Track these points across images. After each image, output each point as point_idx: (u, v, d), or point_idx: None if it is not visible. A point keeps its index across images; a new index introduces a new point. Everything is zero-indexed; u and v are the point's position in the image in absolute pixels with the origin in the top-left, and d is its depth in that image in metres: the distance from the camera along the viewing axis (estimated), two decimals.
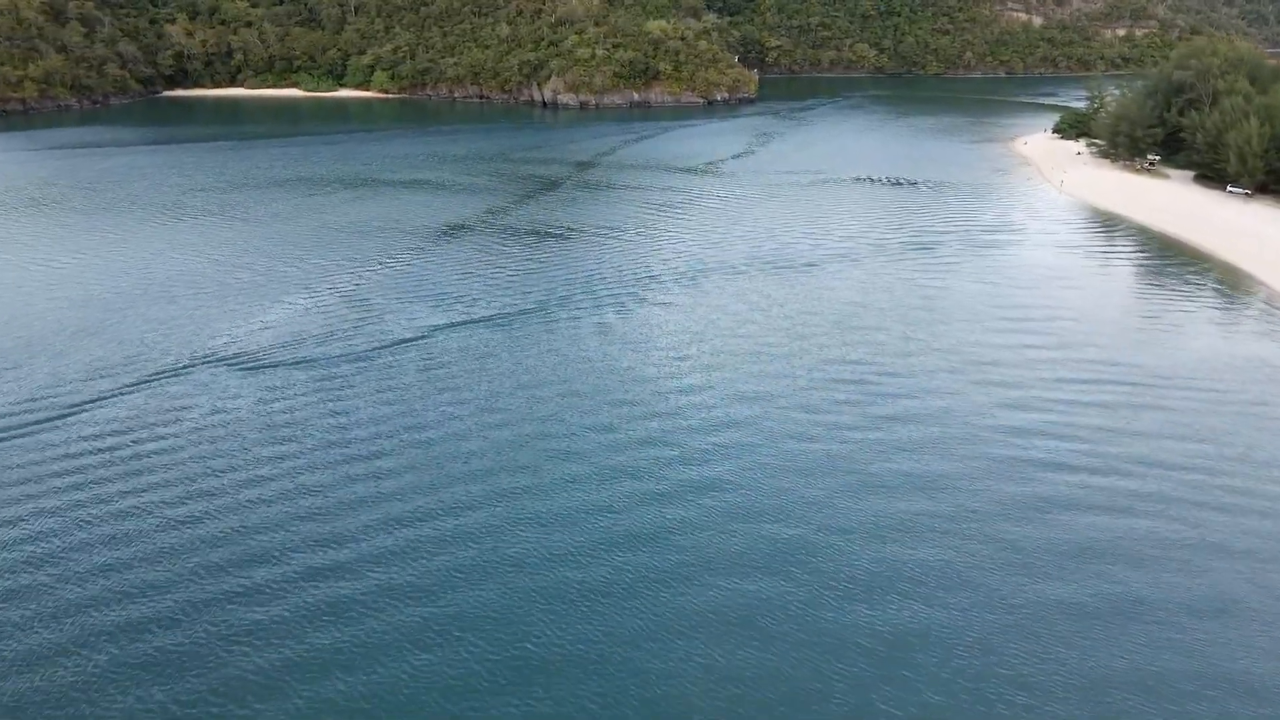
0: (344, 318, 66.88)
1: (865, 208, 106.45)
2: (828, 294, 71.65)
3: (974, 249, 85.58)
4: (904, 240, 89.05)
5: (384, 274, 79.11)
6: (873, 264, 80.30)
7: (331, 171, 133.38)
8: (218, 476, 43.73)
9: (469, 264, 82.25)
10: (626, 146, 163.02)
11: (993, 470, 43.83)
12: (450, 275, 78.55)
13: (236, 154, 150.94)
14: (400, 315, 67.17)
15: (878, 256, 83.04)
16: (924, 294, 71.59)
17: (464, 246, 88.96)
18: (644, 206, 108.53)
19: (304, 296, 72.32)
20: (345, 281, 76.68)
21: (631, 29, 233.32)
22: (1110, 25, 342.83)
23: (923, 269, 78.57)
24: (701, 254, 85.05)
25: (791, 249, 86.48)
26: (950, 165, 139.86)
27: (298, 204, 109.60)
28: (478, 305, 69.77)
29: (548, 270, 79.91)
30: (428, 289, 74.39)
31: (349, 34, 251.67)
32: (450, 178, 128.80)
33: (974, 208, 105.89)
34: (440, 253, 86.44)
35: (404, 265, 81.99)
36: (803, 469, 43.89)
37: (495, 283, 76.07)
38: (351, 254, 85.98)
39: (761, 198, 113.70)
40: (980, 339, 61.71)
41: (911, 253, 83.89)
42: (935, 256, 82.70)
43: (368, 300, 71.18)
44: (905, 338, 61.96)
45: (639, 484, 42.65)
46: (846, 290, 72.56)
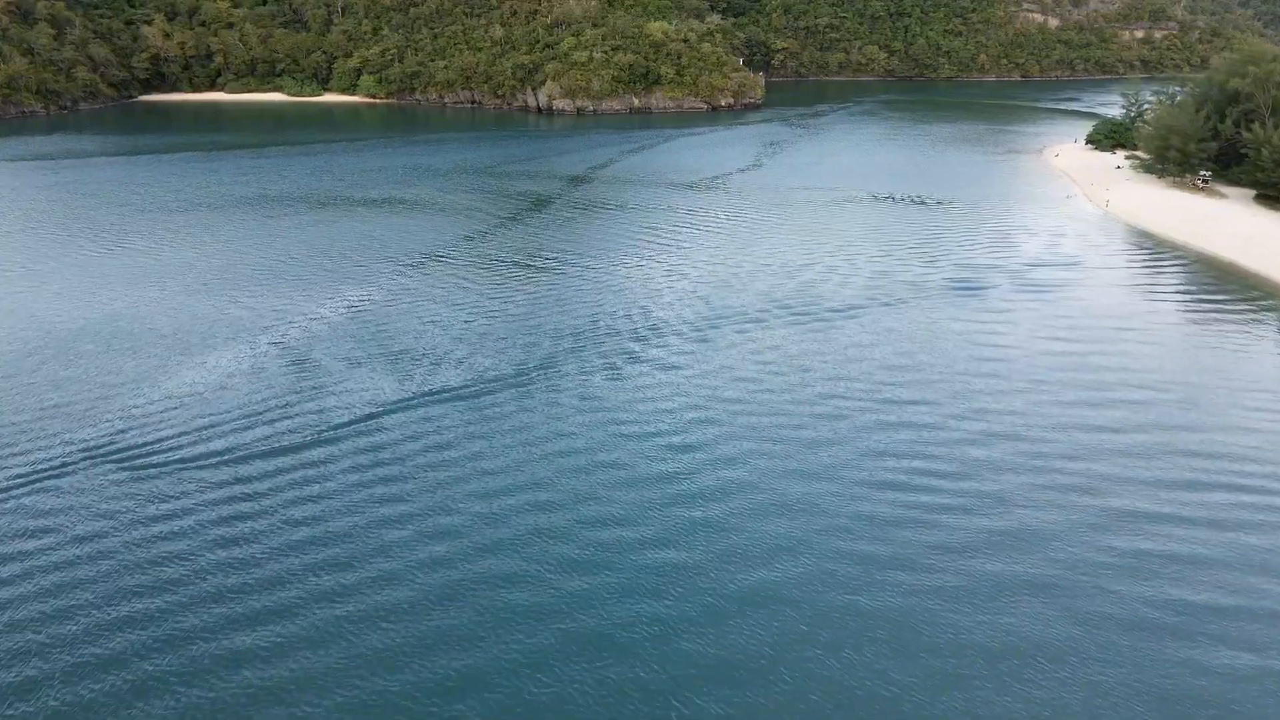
0: (273, 388, 54.53)
1: (894, 234, 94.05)
2: (861, 354, 59.27)
3: (1027, 290, 73.13)
4: (945, 278, 76.64)
5: (332, 322, 66.77)
6: (912, 311, 67.88)
7: (301, 188, 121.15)
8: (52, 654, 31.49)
9: (435, 309, 69.90)
10: (625, 158, 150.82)
11: (1098, 635, 31.58)
12: (411, 324, 66.20)
13: (201, 167, 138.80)
14: (342, 386, 54.84)
15: (916, 299, 70.64)
16: (978, 354, 59.18)
17: (432, 284, 76.64)
18: (642, 232, 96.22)
19: (230, 353, 60.05)
20: (285, 333, 64.36)
21: (631, 31, 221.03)
22: (1128, 27, 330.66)
23: (972, 318, 66.11)
24: (709, 295, 72.73)
25: (813, 289, 74.11)
26: (980, 181, 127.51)
27: (253, 229, 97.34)
28: (440, 369, 57.43)
29: (528, 318, 67.56)
30: (382, 344, 62.05)
31: (335, 36, 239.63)
32: (429, 196, 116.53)
33: (1016, 234, 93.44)
34: (403, 293, 74.12)
35: (357, 311, 69.66)
36: (846, 629, 31.64)
37: (464, 335, 63.74)
38: (298, 294, 73.69)
39: (775, 221, 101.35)
40: (1051, 421, 49.34)
41: (956, 295, 71.45)
42: (984, 301, 70.26)
43: (306, 362, 58.83)
44: (960, 418, 49.64)
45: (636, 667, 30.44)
46: (884, 349, 60.19)
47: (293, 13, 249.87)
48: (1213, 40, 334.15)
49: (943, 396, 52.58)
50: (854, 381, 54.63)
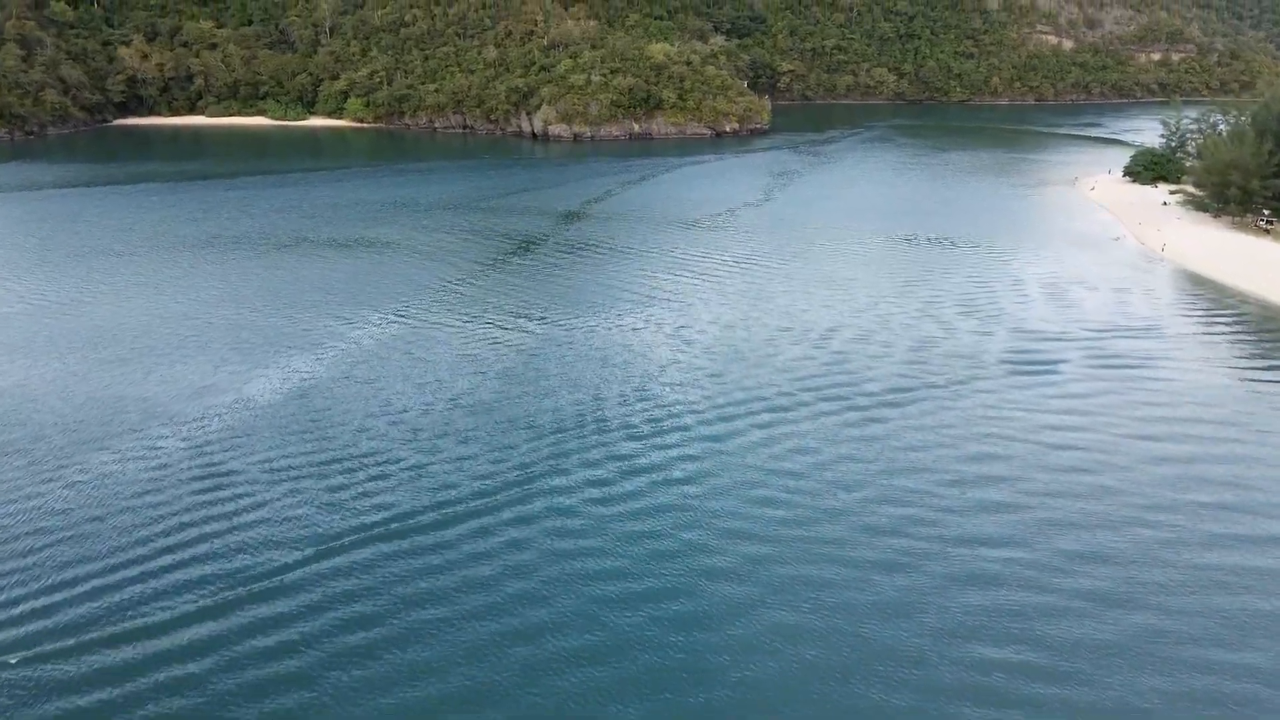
0: (160, 523, 41.99)
1: (930, 287, 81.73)
2: (917, 466, 46.68)
3: (1106, 367, 60.60)
4: (1004, 349, 64.10)
5: (258, 406, 54.29)
6: (972, 399, 55.31)
7: (262, 227, 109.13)
8: None
9: (386, 391, 57.44)
10: (623, 189, 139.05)
11: None
12: (354, 413, 53.69)
13: (160, 200, 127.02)
14: (246, 517, 42.24)
15: (975, 381, 58.11)
16: (1064, 469, 46.55)
17: (387, 355, 64.19)
18: (640, 282, 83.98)
19: (112, 457, 47.54)
20: (186, 427, 51.85)
21: (631, 53, 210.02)
22: (1145, 49, 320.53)
23: (1050, 411, 53.50)
24: (719, 370, 60.30)
25: (844, 363, 61.67)
26: (1014, 218, 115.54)
27: (190, 280, 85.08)
28: (380, 489, 44.82)
29: (501, 406, 55.08)
30: (313, 443, 49.55)
31: (321, 57, 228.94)
32: (404, 236, 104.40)
33: (1072, 288, 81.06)
34: (351, 366, 61.70)
35: (292, 391, 57.23)
36: None
37: (417, 433, 51.22)
38: (225, 365, 61.30)
39: (791, 269, 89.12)
40: (1179, 582, 36.75)
41: (1022, 376, 58.88)
42: (1059, 385, 57.68)
43: (211, 475, 46.27)
44: (1056, 574, 37.05)
45: None
46: (946, 458, 47.58)
47: (279, 33, 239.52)
48: (1231, 63, 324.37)
49: (1026, 531, 39.95)
50: (914, 510, 41.99)
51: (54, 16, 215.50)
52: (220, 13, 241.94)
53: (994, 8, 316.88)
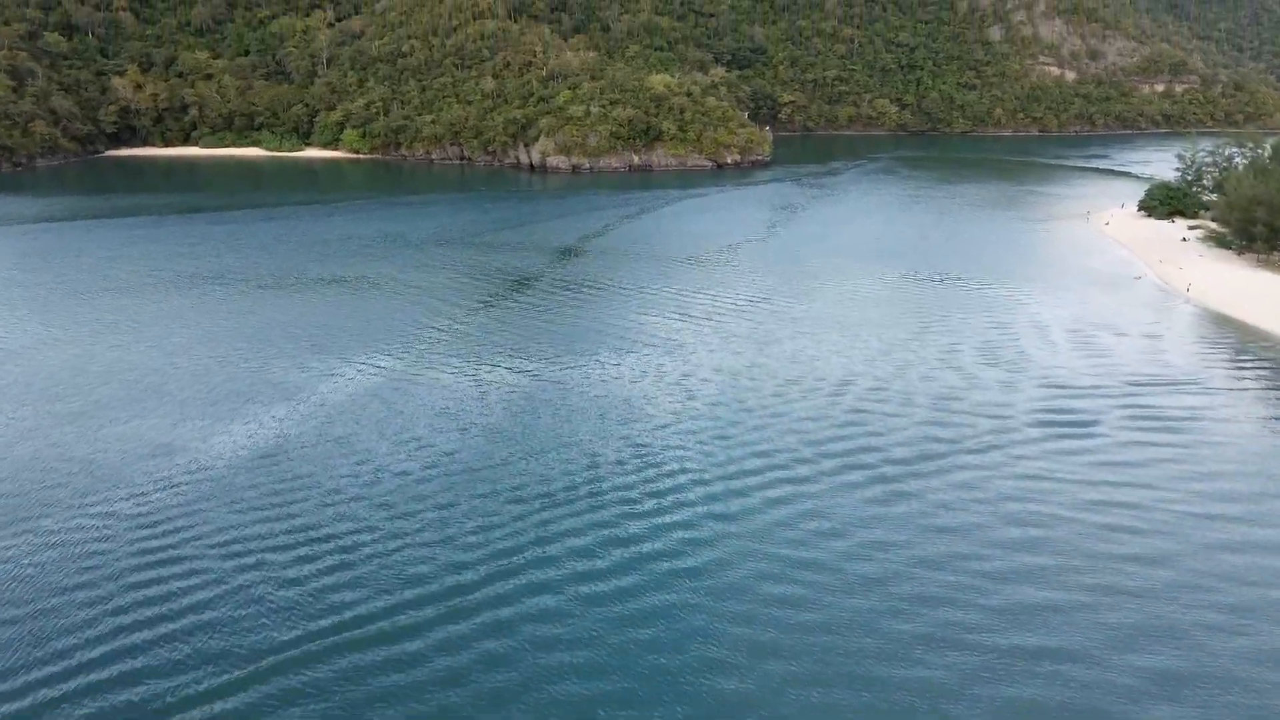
0: (86, 621, 36.74)
1: (948, 332, 76.76)
2: (946, 553, 41.41)
3: (1147, 427, 55.45)
4: (1034, 405, 58.98)
5: (215, 472, 49.13)
6: (1004, 463, 50.14)
7: (248, 264, 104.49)
8: None
9: (360, 451, 52.33)
10: (622, 223, 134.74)
11: None
12: (322, 484, 48.50)
13: (144, 235, 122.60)
14: (198, 630, 36.96)
15: (1005, 442, 52.94)
16: (1113, 546, 41.34)
17: (362, 410, 59.11)
18: (640, 324, 79.10)
19: (42, 536, 42.28)
20: (134, 498, 46.67)
21: (631, 84, 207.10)
22: (1149, 81, 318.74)
23: (1088, 478, 48.33)
24: (725, 427, 55.20)
25: (862, 422, 56.54)
26: (1029, 256, 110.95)
27: (160, 324, 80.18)
28: (342, 581, 39.57)
29: (485, 469, 49.93)
30: (276, 514, 44.35)
31: (318, 88, 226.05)
32: (392, 274, 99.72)
33: (1100, 334, 76.10)
34: (323, 425, 56.60)
35: (257, 451, 52.11)
36: None
37: (388, 503, 46.02)
38: (189, 419, 56.24)
39: (798, 311, 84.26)
40: None
41: (1057, 437, 53.71)
42: (1095, 445, 52.52)
43: (146, 567, 41.03)
44: (1116, 657, 31.74)
45: None
46: (975, 540, 42.35)
47: (276, 64, 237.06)
48: (1236, 94, 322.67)
49: (1077, 631, 34.61)
50: (950, 613, 36.66)
51: (47, 47, 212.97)
52: (217, 44, 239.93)
53: (996, 39, 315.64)
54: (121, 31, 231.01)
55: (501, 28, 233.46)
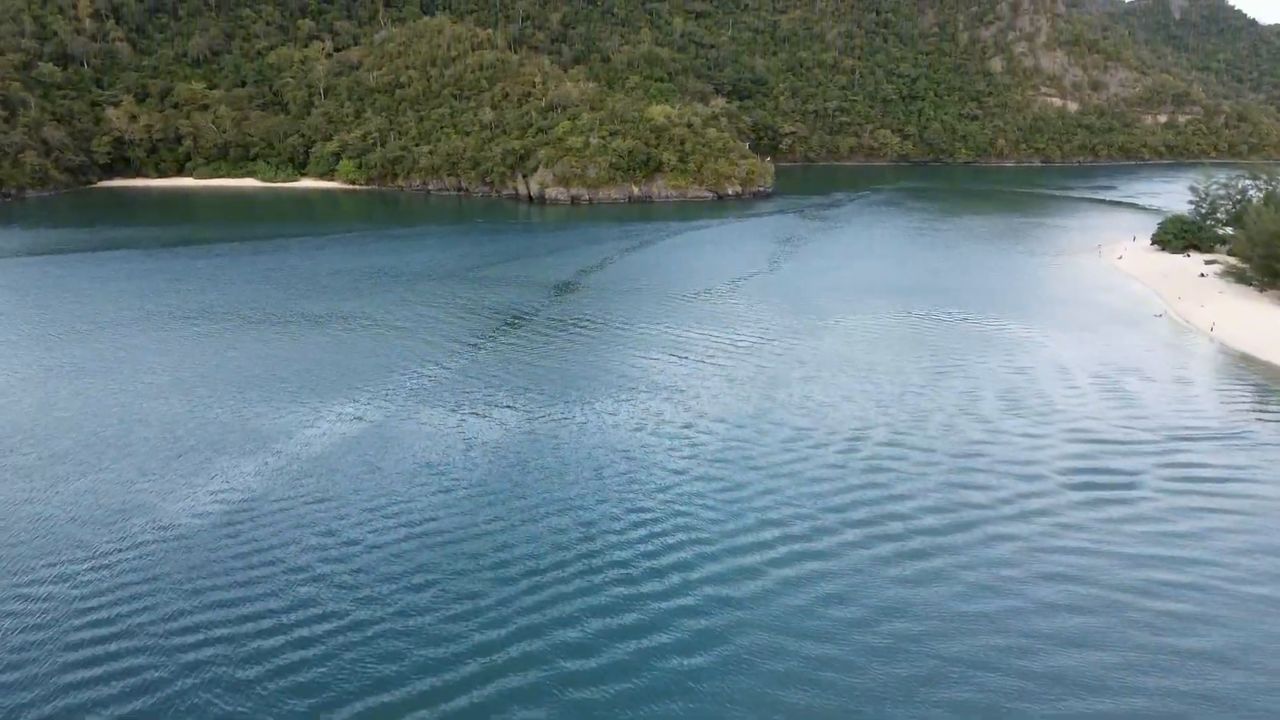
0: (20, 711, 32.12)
1: (968, 378, 72.37)
2: (975, 630, 36.90)
3: (1188, 489, 50.89)
4: (1066, 461, 54.48)
5: (166, 544, 44.59)
6: (1034, 528, 45.61)
7: (232, 300, 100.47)
8: None
9: (333, 513, 47.84)
10: (621, 257, 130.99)
11: None
12: (291, 551, 43.99)
13: (128, 269, 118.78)
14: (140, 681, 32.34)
15: (1035, 504, 48.38)
16: (1166, 629, 36.75)
17: (339, 463, 54.64)
18: (638, 367, 74.79)
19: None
20: (83, 565, 42.12)
21: (631, 115, 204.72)
22: (1151, 111, 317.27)
23: (1131, 546, 43.81)
24: (733, 489, 50.65)
25: (877, 481, 52.03)
26: (1043, 293, 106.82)
27: (142, 359, 75.94)
28: (306, 664, 34.98)
29: (462, 539, 45.42)
30: (229, 607, 39.79)
31: (314, 118, 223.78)
32: (381, 311, 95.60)
33: (1126, 379, 71.69)
34: (295, 481, 52.12)
35: (213, 524, 47.59)
36: None
37: (357, 577, 41.48)
38: (144, 479, 51.74)
39: (806, 353, 79.98)
40: None
41: (1091, 500, 49.14)
42: (1134, 508, 48.00)
43: (94, 644, 36.42)
44: None
45: None
46: (1008, 618, 37.87)
47: (273, 94, 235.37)
48: (1239, 125, 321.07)
49: None
50: (983, 697, 31.96)
51: (42, 77, 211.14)
52: (214, 74, 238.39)
53: (998, 70, 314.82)
54: (117, 62, 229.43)
55: (501, 58, 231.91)
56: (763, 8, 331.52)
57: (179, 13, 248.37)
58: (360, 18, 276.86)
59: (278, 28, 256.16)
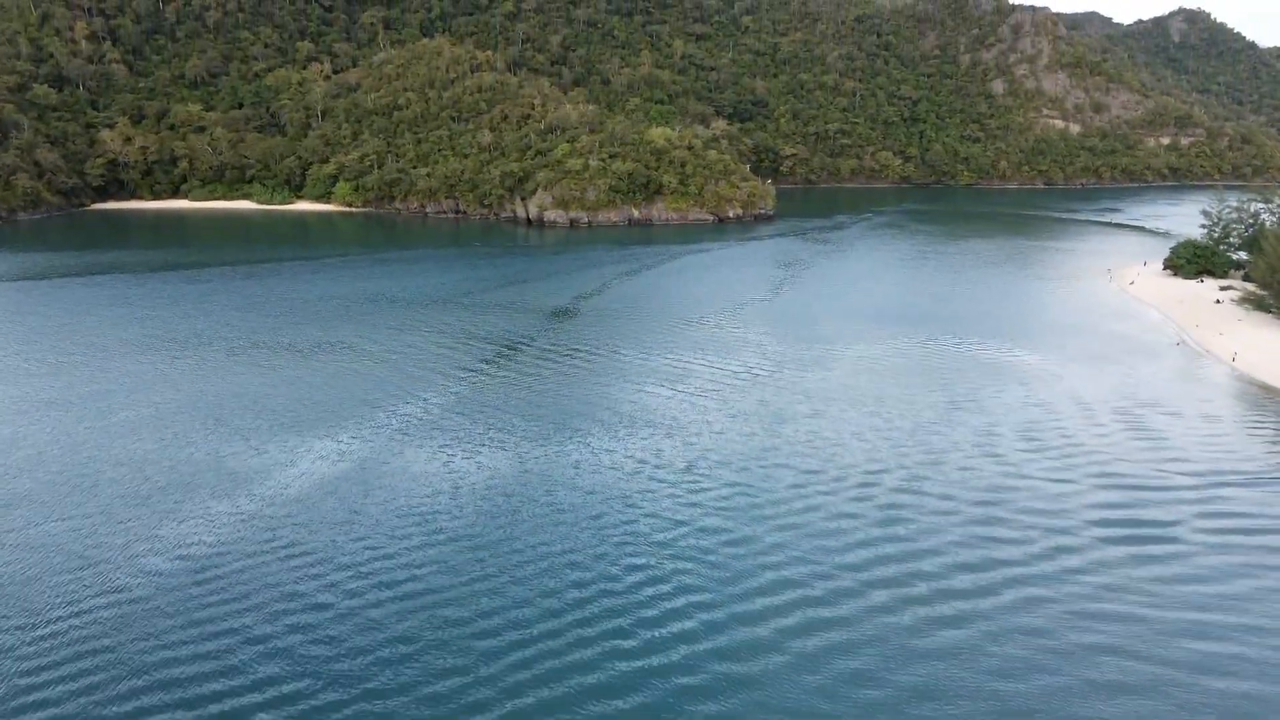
0: None
1: (984, 413, 68.80)
2: (1010, 710, 32.97)
3: (1227, 532, 47.33)
4: (1096, 508, 50.83)
5: (128, 604, 40.89)
6: (1068, 586, 41.94)
7: (217, 328, 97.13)
8: None
9: (306, 566, 44.19)
10: (620, 282, 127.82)
11: None
12: (260, 610, 40.26)
13: (114, 295, 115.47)
14: None
15: (1072, 562, 44.69)
16: (1222, 705, 32.99)
17: (315, 509, 50.99)
18: (637, 400, 71.24)
19: None
20: (33, 622, 38.39)
21: (631, 137, 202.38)
22: (1154, 133, 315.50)
23: (1177, 607, 40.08)
24: (736, 540, 46.99)
25: (895, 531, 48.39)
26: (1057, 319, 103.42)
27: (117, 392, 72.41)
28: None
29: (445, 599, 41.81)
30: (189, 680, 36.02)
31: (311, 140, 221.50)
32: (370, 339, 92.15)
33: (1150, 416, 68.16)
34: (269, 531, 48.48)
35: (179, 577, 43.95)
36: None
37: (329, 644, 37.76)
38: (105, 527, 48.06)
39: (811, 385, 76.49)
40: None
41: (1135, 558, 45.41)
42: (1176, 561, 44.42)
43: None
44: None
45: None
46: (1046, 692, 33.94)
47: (270, 117, 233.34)
48: (1243, 147, 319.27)
49: None
50: None
51: (36, 99, 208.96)
52: (210, 96, 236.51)
53: (999, 92, 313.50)
54: (113, 84, 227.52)
55: (500, 80, 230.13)
56: (763, 30, 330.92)
57: (176, 35, 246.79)
58: (360, 39, 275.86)
59: (276, 50, 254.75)
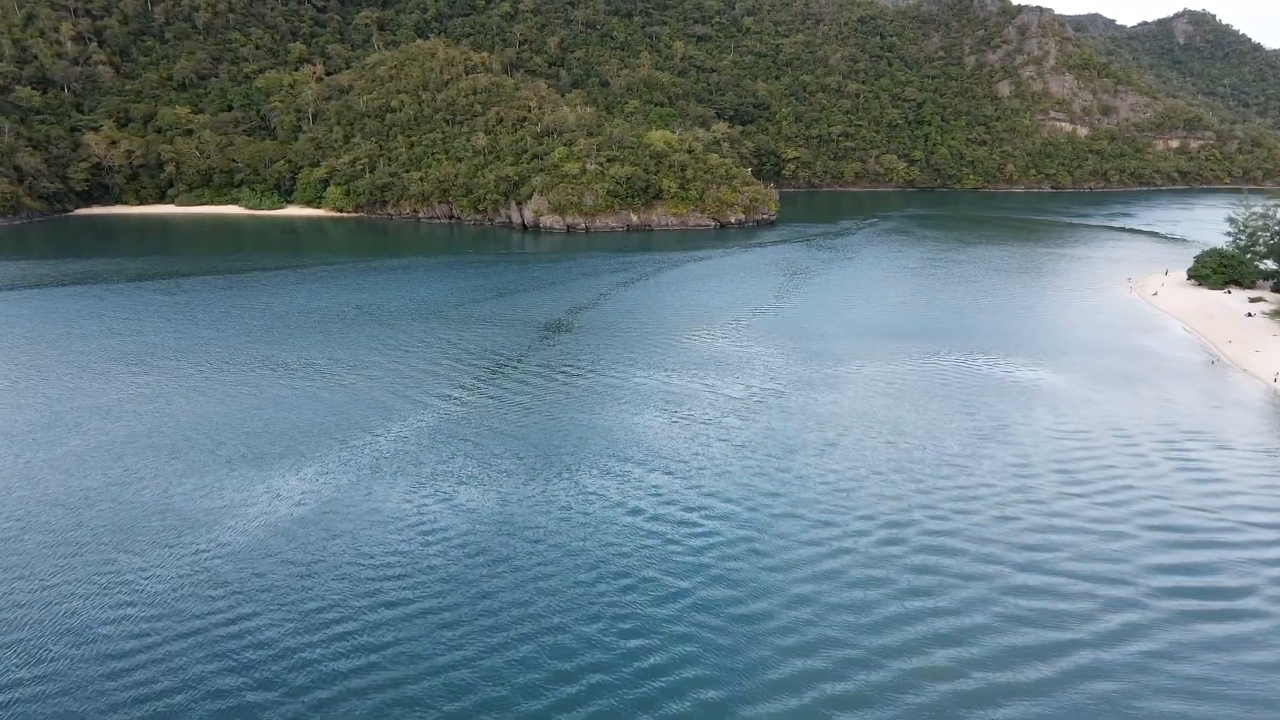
0: None
1: (1016, 447, 62.83)
2: None
3: None
4: (1159, 568, 44.84)
5: (49, 682, 34.97)
6: (1140, 675, 35.89)
7: (188, 344, 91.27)
8: None
9: (258, 633, 38.19)
10: (617, 292, 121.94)
11: None
12: (204, 689, 34.30)
13: (85, 307, 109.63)
14: None
15: (1135, 634, 38.77)
16: None
17: (273, 559, 45.03)
18: (629, 431, 65.29)
19: None
20: None
21: (630, 140, 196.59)
22: (1162, 136, 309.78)
23: (1262, 707, 34.04)
24: (745, 623, 41.02)
25: (929, 604, 42.42)
26: (1080, 335, 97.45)
27: (70, 414, 66.49)
28: None
29: (414, 659, 35.77)
30: None
31: (302, 144, 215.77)
32: (346, 359, 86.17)
33: (1198, 448, 62.21)
34: (190, 609, 42.50)
35: (114, 644, 38.01)
36: None
37: None
38: (25, 581, 42.08)
39: (823, 410, 70.54)
40: None
41: (1200, 626, 39.56)
42: (1256, 642, 38.41)
43: None
44: None
45: None
46: None
47: (260, 119, 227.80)
48: (1253, 150, 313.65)
49: None
50: None
51: (18, 102, 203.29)
52: (199, 98, 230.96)
53: (1005, 94, 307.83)
54: (99, 86, 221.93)
55: (495, 82, 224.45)
56: (764, 31, 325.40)
57: (165, 36, 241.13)
58: (354, 41, 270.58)
59: (268, 51, 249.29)
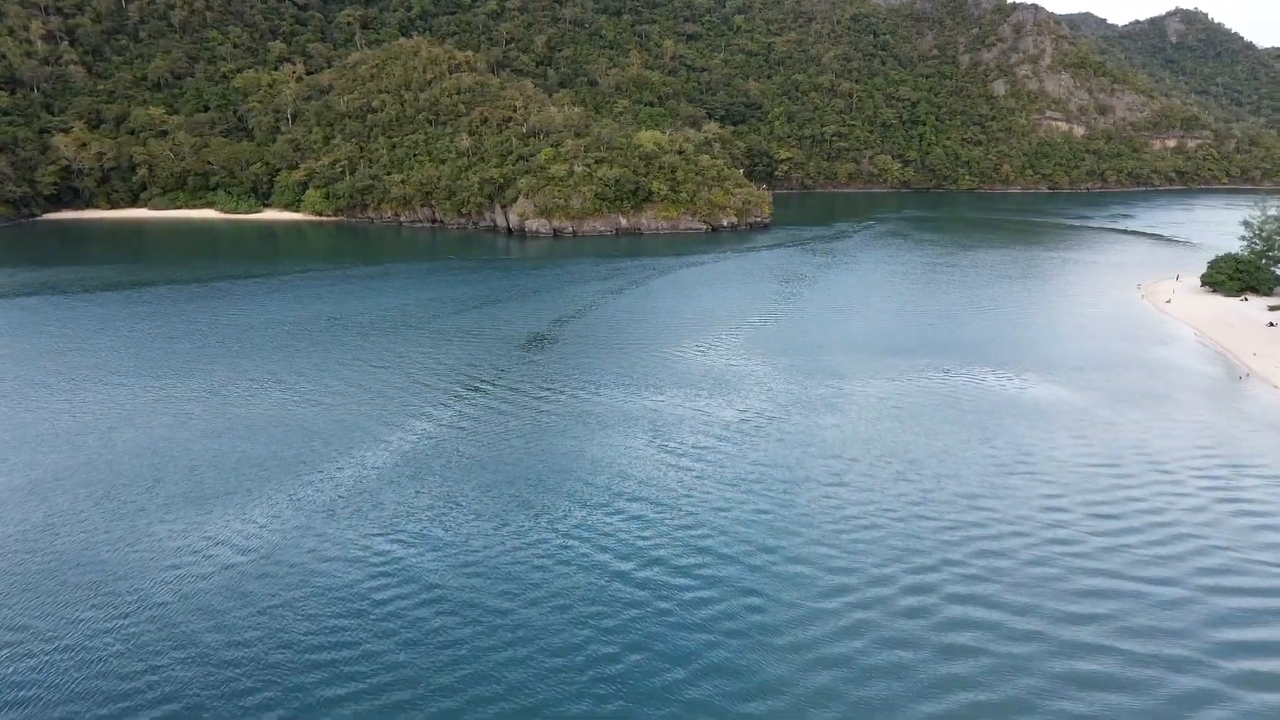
0: None
1: (1042, 477, 57.12)
2: None
3: None
4: (1215, 617, 39.18)
5: None
6: None
7: (145, 359, 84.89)
8: None
9: (209, 679, 32.08)
10: (604, 301, 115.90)
11: None
12: None
13: (34, 319, 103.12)
14: None
15: (1196, 697, 32.88)
16: None
17: (208, 625, 38.76)
18: (614, 462, 59.25)
19: None
20: None
21: (619, 141, 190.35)
22: (1159, 136, 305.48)
23: None
24: (746, 691, 35.02)
25: (960, 676, 36.50)
26: (1094, 348, 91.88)
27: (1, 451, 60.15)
28: None
29: None
30: None
31: (280, 145, 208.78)
32: (316, 372, 79.80)
33: (1241, 479, 56.65)
34: (129, 678, 36.26)
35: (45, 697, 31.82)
36: None
37: None
38: None
39: (825, 434, 64.66)
40: None
41: (1272, 691, 33.83)
42: None
43: None
44: None
45: None
46: None
47: (237, 120, 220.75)
48: (1251, 150, 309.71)
49: None
50: None
51: None
52: (174, 98, 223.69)
53: (1001, 93, 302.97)
54: (70, 86, 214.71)
55: (480, 82, 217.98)
56: (756, 30, 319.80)
57: (139, 35, 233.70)
58: (336, 40, 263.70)
59: (246, 50, 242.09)
